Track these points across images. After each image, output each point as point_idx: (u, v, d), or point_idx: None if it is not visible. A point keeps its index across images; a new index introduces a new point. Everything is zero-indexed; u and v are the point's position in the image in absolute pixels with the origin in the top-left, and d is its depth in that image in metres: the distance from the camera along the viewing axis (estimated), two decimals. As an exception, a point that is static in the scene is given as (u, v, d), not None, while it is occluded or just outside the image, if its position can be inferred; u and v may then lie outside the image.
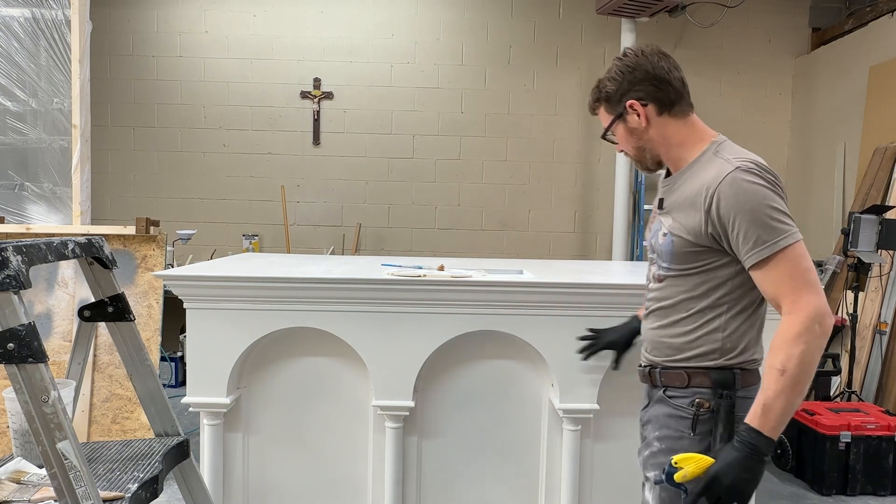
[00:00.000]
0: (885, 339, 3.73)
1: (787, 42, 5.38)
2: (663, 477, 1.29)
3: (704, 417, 1.38)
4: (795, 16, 5.36)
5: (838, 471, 3.04)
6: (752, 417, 1.25)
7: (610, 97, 1.45)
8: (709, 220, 1.32)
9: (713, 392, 1.38)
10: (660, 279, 1.46)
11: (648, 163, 1.49)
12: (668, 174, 1.50)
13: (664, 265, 1.44)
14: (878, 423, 3.06)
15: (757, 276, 1.31)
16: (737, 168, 1.30)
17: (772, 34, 5.36)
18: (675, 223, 1.40)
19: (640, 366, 1.52)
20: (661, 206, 1.47)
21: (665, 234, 1.42)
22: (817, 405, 3.28)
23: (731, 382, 1.38)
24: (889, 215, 3.57)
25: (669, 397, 1.43)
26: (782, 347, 1.24)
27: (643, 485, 1.49)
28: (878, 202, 3.93)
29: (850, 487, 3.05)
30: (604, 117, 1.49)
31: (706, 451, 1.33)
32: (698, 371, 1.40)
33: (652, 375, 1.47)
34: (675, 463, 1.28)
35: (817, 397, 3.59)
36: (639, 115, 1.42)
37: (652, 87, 1.40)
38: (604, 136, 1.53)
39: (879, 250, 3.51)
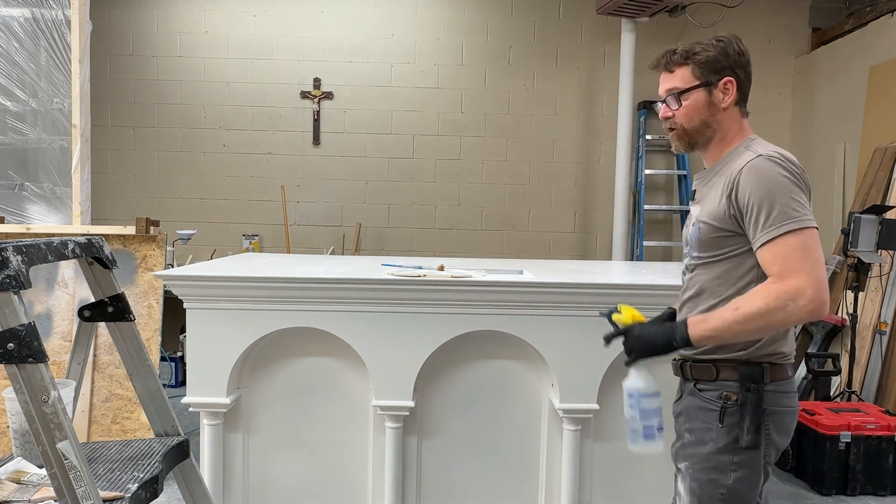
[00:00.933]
0: (885, 339, 3.73)
1: (787, 42, 5.38)
2: (607, 312, 1.53)
3: (732, 410, 1.40)
4: (795, 16, 5.36)
5: (838, 471, 3.04)
6: (693, 318, 1.40)
7: (708, 64, 1.44)
8: (730, 203, 1.37)
9: (741, 385, 1.40)
10: (691, 269, 1.50)
11: (689, 142, 1.50)
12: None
13: (694, 254, 1.48)
14: (878, 423, 3.06)
15: (763, 257, 1.34)
16: (760, 156, 1.36)
17: (772, 34, 5.36)
18: (703, 211, 1.45)
19: (674, 360, 1.54)
20: (694, 198, 1.53)
21: (694, 224, 1.48)
22: (817, 405, 3.28)
23: (758, 376, 1.40)
24: (889, 215, 3.57)
25: (699, 390, 1.46)
26: (749, 296, 1.33)
27: (675, 476, 1.52)
28: (878, 202, 3.93)
29: (850, 487, 3.05)
30: (682, 78, 1.47)
31: (734, 443, 1.39)
32: (726, 364, 1.42)
33: (683, 369, 1.50)
34: (619, 309, 1.50)
35: (817, 397, 3.59)
36: (724, 95, 1.44)
37: (744, 76, 1.46)
38: (663, 100, 1.52)
39: (879, 250, 3.51)
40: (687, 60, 1.46)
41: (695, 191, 1.53)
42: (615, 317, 1.50)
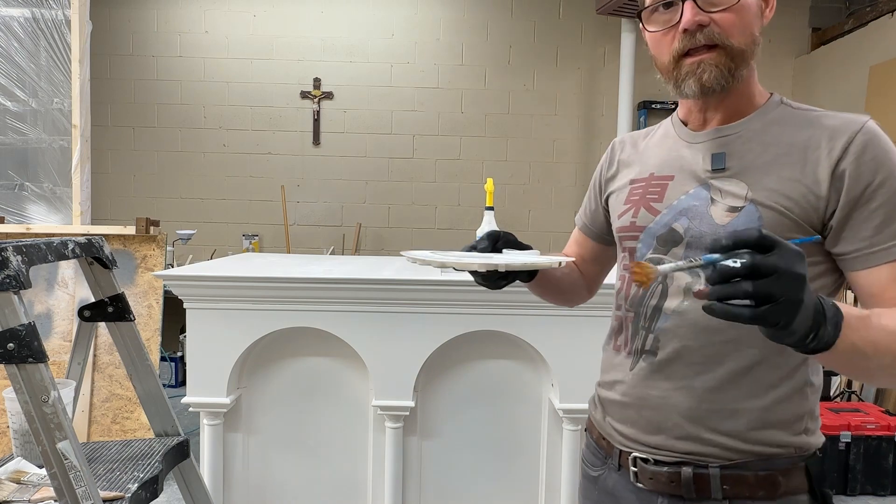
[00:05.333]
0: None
1: (787, 42, 5.38)
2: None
3: None
4: (795, 16, 5.36)
5: (838, 471, 3.04)
6: (851, 311, 0.75)
7: None
8: (833, 182, 0.85)
9: (811, 498, 0.90)
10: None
11: (731, 71, 0.91)
12: (682, 126, 1.03)
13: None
14: (878, 423, 3.06)
15: (886, 275, 0.84)
16: (871, 120, 0.89)
17: (772, 34, 5.36)
18: (765, 190, 0.88)
19: (652, 463, 0.94)
20: (718, 166, 0.94)
21: (733, 210, 0.90)
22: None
23: (824, 472, 0.93)
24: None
25: None
26: None
27: None
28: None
29: (850, 487, 3.05)
30: None
31: None
32: (793, 464, 0.90)
33: (698, 482, 0.90)
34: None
35: (817, 397, 3.59)
36: (766, 9, 0.96)
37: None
38: None
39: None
40: None
41: (719, 156, 0.94)
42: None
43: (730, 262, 0.64)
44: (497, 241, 1.06)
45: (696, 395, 0.92)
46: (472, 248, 1.05)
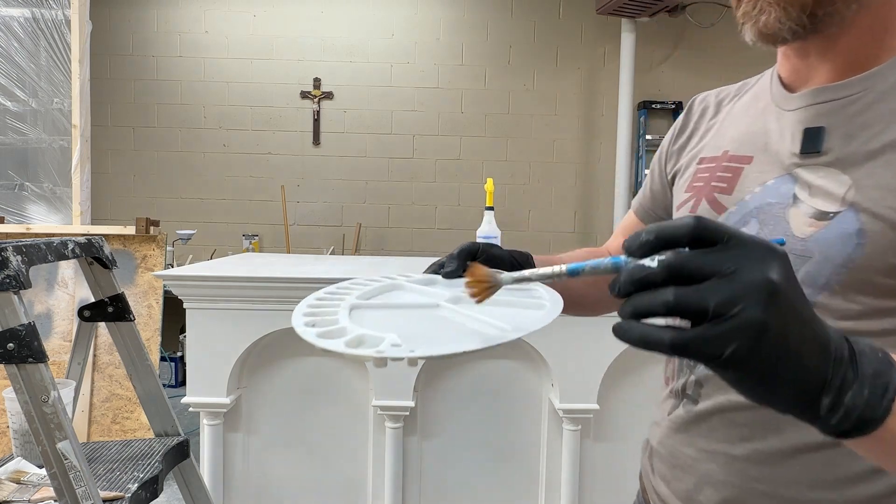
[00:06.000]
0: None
1: (787, 42, 5.38)
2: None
3: None
4: (795, 16, 5.35)
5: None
6: None
7: None
8: None
9: None
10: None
11: (778, 15, 0.61)
12: (778, 83, 0.71)
13: (840, 291, 0.60)
14: (878, 423, 3.06)
15: None
16: None
17: (772, 34, 5.36)
18: (877, 189, 0.59)
19: None
20: (811, 149, 0.64)
21: (821, 216, 0.61)
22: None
23: None
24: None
25: None
26: None
27: None
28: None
29: (850, 487, 3.05)
30: None
31: None
32: None
33: None
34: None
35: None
36: None
37: None
38: None
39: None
40: None
41: (814, 132, 0.64)
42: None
43: (645, 262, 0.40)
44: (475, 256, 0.79)
45: (737, 469, 0.66)
46: (439, 269, 0.79)
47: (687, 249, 0.40)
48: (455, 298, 0.65)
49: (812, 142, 0.63)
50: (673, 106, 5.25)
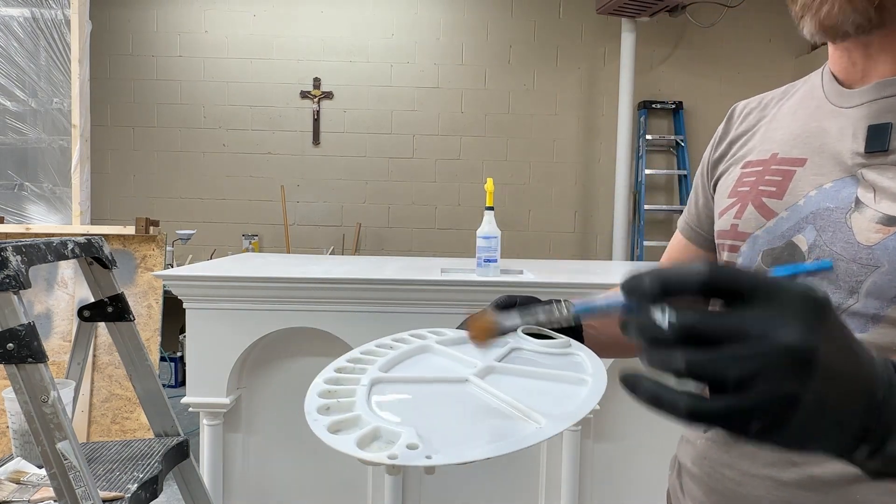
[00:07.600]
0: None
1: (787, 42, 5.38)
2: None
3: None
4: (795, 16, 5.36)
5: (838, 471, 3.03)
6: None
7: None
8: None
9: None
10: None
11: (842, 6, 0.59)
12: (832, 81, 0.67)
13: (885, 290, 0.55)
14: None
15: None
16: None
17: (772, 34, 5.36)
18: None
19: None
20: (877, 147, 0.58)
21: (889, 221, 0.56)
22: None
23: None
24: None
25: None
26: None
27: None
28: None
29: (851, 487, 3.04)
30: None
31: None
32: None
33: None
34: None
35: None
36: None
37: None
38: None
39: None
40: None
41: (880, 128, 0.59)
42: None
43: (656, 314, 0.36)
44: (512, 306, 0.72)
45: (784, 497, 0.60)
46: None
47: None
48: (487, 369, 0.61)
49: (878, 139, 0.58)
50: (673, 106, 5.25)
